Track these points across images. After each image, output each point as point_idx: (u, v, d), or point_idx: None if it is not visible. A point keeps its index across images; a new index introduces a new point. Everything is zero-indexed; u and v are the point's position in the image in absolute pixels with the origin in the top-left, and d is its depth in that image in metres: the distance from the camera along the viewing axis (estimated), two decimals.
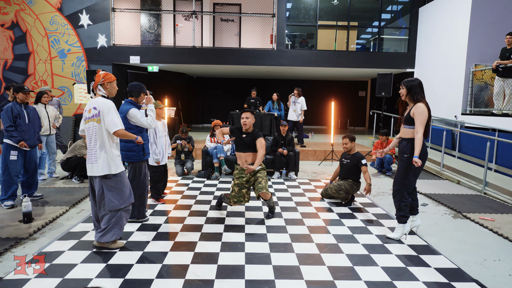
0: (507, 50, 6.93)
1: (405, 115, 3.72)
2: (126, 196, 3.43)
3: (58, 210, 4.58)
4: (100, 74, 3.43)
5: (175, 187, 5.96)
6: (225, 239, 3.76)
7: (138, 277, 2.91)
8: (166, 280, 2.88)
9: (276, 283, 2.86)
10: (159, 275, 2.95)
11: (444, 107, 8.91)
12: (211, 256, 3.34)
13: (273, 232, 3.97)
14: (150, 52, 10.07)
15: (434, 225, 4.37)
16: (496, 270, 3.20)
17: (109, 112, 3.24)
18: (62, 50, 9.88)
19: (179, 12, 11.29)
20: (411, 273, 3.08)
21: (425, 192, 5.82)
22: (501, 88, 7.13)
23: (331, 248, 3.57)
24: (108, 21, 9.83)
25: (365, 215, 4.70)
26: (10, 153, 4.68)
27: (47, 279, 2.85)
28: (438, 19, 9.35)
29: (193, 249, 3.49)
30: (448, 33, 8.92)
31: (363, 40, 12.65)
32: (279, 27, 10.11)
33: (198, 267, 3.10)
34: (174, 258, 3.28)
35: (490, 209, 4.96)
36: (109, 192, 3.35)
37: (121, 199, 3.39)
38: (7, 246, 3.46)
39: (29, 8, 9.73)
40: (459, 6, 8.45)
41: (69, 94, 9.93)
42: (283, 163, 6.84)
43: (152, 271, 3.01)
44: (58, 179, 6.28)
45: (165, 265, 3.14)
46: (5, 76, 9.91)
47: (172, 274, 2.98)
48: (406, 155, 3.66)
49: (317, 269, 3.12)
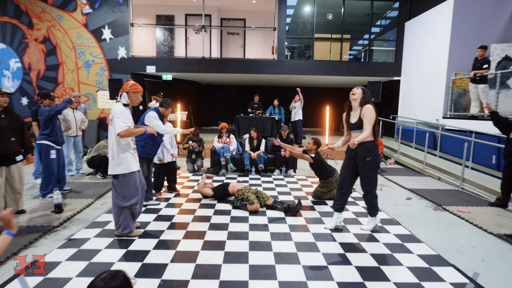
0: (478, 60, 6.98)
1: (356, 121, 3.51)
2: (129, 195, 3.33)
3: (84, 202, 4.65)
4: (129, 83, 3.38)
5: (186, 183, 6.01)
6: (231, 229, 3.79)
7: (154, 262, 2.95)
8: (179, 264, 2.92)
9: (276, 267, 2.89)
10: (173, 260, 2.99)
11: (427, 111, 8.90)
12: (219, 243, 3.37)
13: (274, 223, 4.00)
14: (164, 62, 10.12)
15: (417, 216, 4.39)
16: (471, 256, 3.23)
17: (118, 116, 3.21)
18: (87, 61, 9.95)
19: (190, 27, 11.35)
20: (396, 259, 3.11)
21: (410, 188, 5.83)
22: (475, 94, 7.14)
23: (325, 237, 3.60)
24: (128, 35, 9.88)
25: (355, 207, 4.71)
26: (50, 152, 4.70)
27: (76, 262, 2.91)
28: (422, 33, 9.33)
29: (203, 237, 3.53)
30: (430, 45, 8.91)
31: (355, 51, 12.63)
32: (279, 40, 10.13)
33: (207, 253, 3.14)
34: (186, 245, 3.32)
35: (467, 203, 4.97)
36: (114, 190, 3.34)
37: (124, 198, 3.32)
38: (41, 233, 3.53)
39: (58, 24, 9.81)
40: (440, 21, 8.45)
41: (93, 100, 10.01)
42: (283, 161, 6.87)
43: (166, 256, 3.06)
44: (84, 175, 6.34)
45: (178, 251, 3.18)
46: (38, 85, 10.00)
47: (184, 259, 3.03)
48: (369, 158, 3.50)
49: (313, 255, 3.15)
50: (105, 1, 9.78)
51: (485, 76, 6.86)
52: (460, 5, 8.01)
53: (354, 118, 3.55)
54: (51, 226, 3.72)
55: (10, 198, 3.98)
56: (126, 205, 3.34)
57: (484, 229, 3.91)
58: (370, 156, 3.51)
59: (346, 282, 2.68)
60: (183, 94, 12.07)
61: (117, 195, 3.34)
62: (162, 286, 2.57)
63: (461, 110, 7.98)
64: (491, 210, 4.62)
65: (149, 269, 2.83)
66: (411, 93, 9.90)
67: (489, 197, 5.26)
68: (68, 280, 2.63)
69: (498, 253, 3.30)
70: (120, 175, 3.28)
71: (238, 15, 11.63)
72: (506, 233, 3.76)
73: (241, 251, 3.20)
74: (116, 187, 3.33)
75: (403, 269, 2.91)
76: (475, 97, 7.19)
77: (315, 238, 3.57)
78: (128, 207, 3.37)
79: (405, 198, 5.27)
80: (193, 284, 2.61)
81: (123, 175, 3.29)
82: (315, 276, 2.77)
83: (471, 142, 6.65)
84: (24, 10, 9.77)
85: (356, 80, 11.81)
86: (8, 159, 3.86)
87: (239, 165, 6.89)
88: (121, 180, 3.30)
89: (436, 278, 2.77)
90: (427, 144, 7.45)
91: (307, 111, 10.44)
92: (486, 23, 8.10)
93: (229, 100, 15.03)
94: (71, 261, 2.93)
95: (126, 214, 3.39)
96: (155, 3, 11.01)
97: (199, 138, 7.05)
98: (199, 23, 10.86)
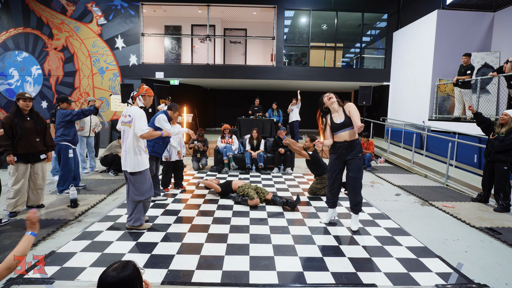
0: (463, 67, 6.94)
1: (343, 120, 3.38)
2: (145, 190, 3.38)
3: (98, 198, 4.62)
4: (144, 87, 3.43)
5: (192, 180, 5.98)
6: (233, 222, 3.76)
7: (162, 253, 2.93)
8: (185, 255, 2.89)
9: (275, 259, 2.86)
10: (179, 251, 2.97)
11: (414, 114, 8.86)
12: (222, 236, 3.35)
13: (273, 217, 3.97)
14: (172, 68, 10.09)
15: (405, 211, 4.35)
16: (455, 247, 3.20)
17: (140, 119, 3.24)
18: (102, 67, 9.93)
19: (195, 36, 11.33)
20: (386, 251, 3.07)
21: (398, 184, 5.79)
22: (460, 98, 7.11)
23: (320, 230, 3.57)
24: (138, 44, 9.86)
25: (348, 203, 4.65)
26: (68, 152, 4.70)
27: (90, 253, 2.88)
28: (409, 42, 9.29)
29: (207, 230, 3.50)
30: (417, 53, 8.87)
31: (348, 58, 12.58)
32: (278, 48, 10.10)
33: (211, 245, 3.11)
34: (191, 238, 3.29)
35: (451, 198, 4.93)
36: (132, 186, 3.35)
37: (141, 193, 3.36)
38: (58, 226, 3.50)
39: (76, 35, 9.80)
40: (425, 31, 8.42)
41: (106, 103, 9.98)
42: (281, 160, 6.83)
43: (173, 248, 3.03)
44: (98, 173, 6.32)
45: (184, 243, 3.15)
46: (57, 89, 9.99)
47: (190, 250, 3.00)
48: (360, 154, 3.44)
49: (309, 247, 3.12)
50: (118, 13, 9.76)
51: (469, 81, 6.83)
52: (443, 17, 8.02)
53: (340, 119, 3.42)
54: (67, 220, 3.70)
55: (32, 193, 4.00)
56: (142, 199, 3.37)
57: (467, 222, 3.87)
58: (361, 152, 3.49)
59: (340, 272, 2.65)
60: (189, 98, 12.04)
61: (134, 190, 3.35)
62: (169, 275, 2.54)
63: (445, 113, 7.95)
64: (473, 205, 4.58)
65: (157, 260, 2.80)
66: (399, 97, 9.87)
67: (471, 193, 5.22)
68: (82, 269, 2.60)
69: (480, 245, 3.26)
70: (137, 172, 3.30)
71: (240, 25, 11.60)
72: (487, 226, 3.72)
73: (242, 243, 3.17)
74: (133, 183, 3.34)
75: (392, 260, 2.87)
76: (459, 101, 7.16)
77: (311, 231, 3.54)
78: (142, 201, 3.40)
79: (394, 194, 5.23)
80: (197, 274, 2.58)
81: (140, 172, 3.32)
82: (311, 267, 2.74)
83: (455, 142, 6.62)
84: (45, 22, 9.78)
85: (348, 85, 11.79)
86: (34, 158, 3.89)
87: (240, 163, 6.86)
88: (138, 176, 3.33)
89: (423, 268, 2.74)
90: (414, 144, 7.41)
91: (304, 113, 10.39)
92: (467, 33, 8.11)
93: (232, 103, 14.99)
94: (85, 252, 2.91)
95: (139, 208, 3.42)
96: (164, 15, 11.00)
97: (204, 138, 7.02)
98: (204, 33, 10.84)
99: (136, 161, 3.29)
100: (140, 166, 3.32)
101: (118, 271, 1.27)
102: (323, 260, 2.85)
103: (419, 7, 9.26)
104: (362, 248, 3.11)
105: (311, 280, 2.52)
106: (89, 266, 2.66)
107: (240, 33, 11.76)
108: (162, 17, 11.12)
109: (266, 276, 2.56)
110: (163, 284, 2.43)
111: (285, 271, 2.66)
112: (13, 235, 3.22)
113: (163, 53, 11.39)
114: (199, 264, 2.73)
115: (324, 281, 2.52)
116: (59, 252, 2.90)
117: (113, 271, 1.28)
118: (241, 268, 2.68)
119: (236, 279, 2.51)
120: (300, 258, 2.88)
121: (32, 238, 1.63)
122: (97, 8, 9.73)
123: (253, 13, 10.78)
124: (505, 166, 4.24)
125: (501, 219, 3.98)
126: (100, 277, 1.28)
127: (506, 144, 4.18)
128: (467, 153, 6.53)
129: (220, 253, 2.94)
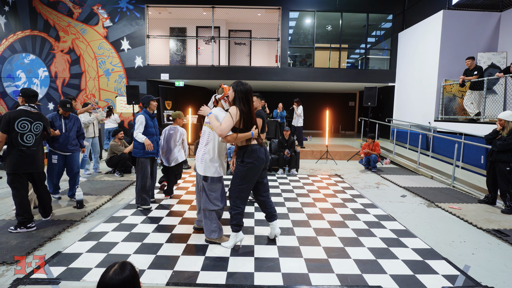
0: (470, 70, 6.90)
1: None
2: (214, 199, 3.09)
3: (103, 199, 4.64)
4: (226, 87, 3.07)
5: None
6: None
7: (167, 254, 2.94)
8: (189, 256, 2.90)
9: (280, 260, 2.86)
10: (184, 252, 2.97)
11: (420, 115, 8.79)
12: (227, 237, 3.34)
13: (278, 218, 3.94)
14: (177, 70, 10.14)
15: (411, 212, 4.32)
16: (462, 249, 3.16)
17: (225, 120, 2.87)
18: (107, 69, 10.02)
19: (200, 38, 11.37)
20: (392, 252, 3.05)
21: (404, 186, 5.75)
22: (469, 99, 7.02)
23: (326, 232, 3.55)
24: (144, 46, 9.93)
25: (354, 204, 4.66)
26: (51, 157, 4.40)
27: (96, 254, 2.90)
28: (414, 42, 9.23)
29: None
30: (422, 54, 8.80)
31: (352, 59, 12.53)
32: (282, 49, 10.09)
33: (216, 247, 3.11)
34: (196, 239, 3.29)
35: (458, 200, 4.88)
36: (204, 193, 3.12)
37: (210, 201, 3.09)
38: (65, 226, 3.53)
39: (82, 37, 9.91)
40: (431, 31, 8.36)
41: (112, 104, 10.06)
42: (286, 161, 6.82)
43: (178, 249, 3.04)
44: (103, 174, 6.36)
45: (189, 245, 3.15)
46: (63, 91, 10.11)
47: (195, 251, 3.00)
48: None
49: (314, 249, 3.11)
50: (124, 15, 9.84)
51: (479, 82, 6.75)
52: (448, 17, 7.95)
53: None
54: (73, 220, 3.73)
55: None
56: (213, 208, 3.09)
57: (474, 224, 3.83)
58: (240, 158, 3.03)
59: (345, 274, 2.63)
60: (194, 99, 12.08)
61: (208, 196, 3.08)
62: (174, 277, 2.54)
63: (451, 114, 7.87)
64: (480, 206, 4.53)
65: (162, 260, 2.81)
66: (405, 98, 9.80)
67: (478, 194, 5.16)
68: (88, 270, 2.62)
69: (487, 247, 3.22)
70: (213, 178, 3.06)
71: (244, 27, 11.63)
72: (495, 228, 3.67)
73: (247, 245, 3.16)
74: (207, 190, 3.08)
75: (398, 262, 2.85)
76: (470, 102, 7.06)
77: (316, 233, 3.53)
78: (216, 211, 3.13)
79: (400, 195, 5.20)
80: (202, 275, 2.58)
81: (215, 179, 3.07)
82: (316, 268, 2.72)
83: (461, 143, 6.54)
84: (52, 24, 9.90)
85: (353, 86, 11.74)
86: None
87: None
88: (211, 183, 3.07)
89: (429, 270, 2.71)
90: (420, 145, 7.34)
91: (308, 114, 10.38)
92: (473, 33, 8.03)
93: None
94: (91, 253, 2.93)
95: (212, 216, 3.14)
96: (169, 17, 11.07)
97: None
98: (209, 35, 10.88)
99: (212, 166, 3.03)
100: (215, 172, 3.04)
101: (117, 272, 1.27)
102: (328, 262, 2.84)
103: (425, 7, 9.20)
104: (368, 250, 3.09)
105: (316, 282, 2.51)
106: (94, 266, 2.68)
107: (244, 34, 11.79)
108: (167, 19, 11.19)
109: (271, 278, 2.55)
110: (168, 285, 2.43)
111: (290, 272, 2.65)
112: (21, 235, 3.26)
113: (168, 54, 11.46)
114: (204, 265, 2.73)
115: (329, 282, 2.50)
116: (65, 252, 2.92)
117: (114, 274, 1.26)
118: (246, 270, 2.67)
119: (241, 281, 2.50)
120: (305, 260, 2.87)
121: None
122: (103, 11, 9.82)
123: (257, 15, 10.80)
124: (507, 167, 4.24)
125: (508, 221, 3.93)
126: (101, 282, 1.26)
127: (508, 143, 4.21)
128: (473, 154, 6.45)
129: (225, 255, 2.94)
